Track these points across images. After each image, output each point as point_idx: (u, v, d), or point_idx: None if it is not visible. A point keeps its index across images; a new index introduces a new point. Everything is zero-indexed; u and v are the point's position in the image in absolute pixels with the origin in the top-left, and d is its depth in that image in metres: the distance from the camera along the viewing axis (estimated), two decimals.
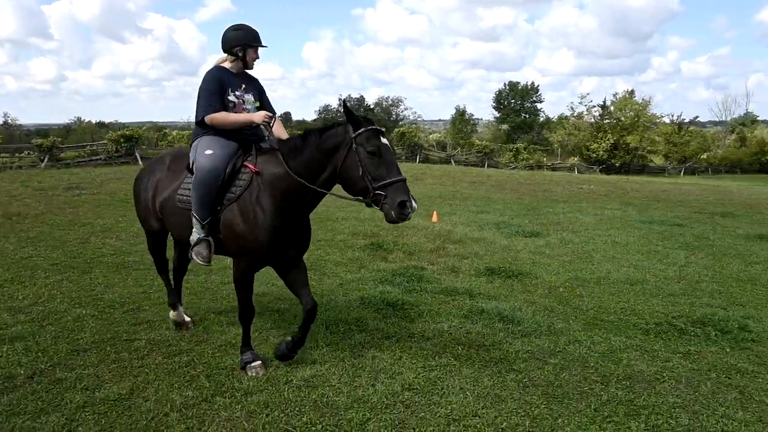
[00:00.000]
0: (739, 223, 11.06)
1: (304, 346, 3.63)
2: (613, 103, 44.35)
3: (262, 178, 3.32)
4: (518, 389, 3.30)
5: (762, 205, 14.99)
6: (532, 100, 62.46)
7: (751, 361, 3.87)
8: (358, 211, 10.45)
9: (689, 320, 4.65)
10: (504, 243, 7.92)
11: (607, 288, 5.69)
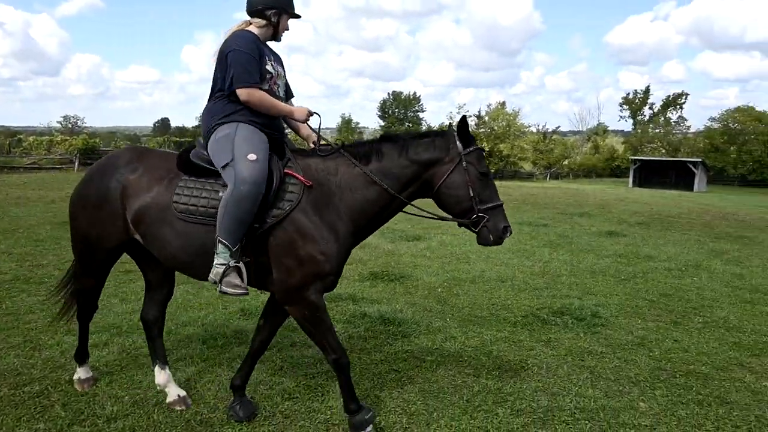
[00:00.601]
0: (593, 221, 12.38)
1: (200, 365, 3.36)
2: (488, 113, 47.53)
3: (325, 187, 2.74)
4: (397, 388, 3.40)
5: (611, 205, 16.91)
6: (415, 110, 64.89)
7: (601, 343, 4.34)
8: None
9: (551, 311, 5.09)
10: (388, 248, 8.12)
11: (481, 286, 6.06)
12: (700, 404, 3.30)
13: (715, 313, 5.32)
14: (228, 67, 2.72)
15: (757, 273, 7.39)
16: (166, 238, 2.77)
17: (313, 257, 2.62)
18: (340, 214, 2.72)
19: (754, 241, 10.61)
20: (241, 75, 2.69)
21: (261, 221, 2.63)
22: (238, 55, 2.70)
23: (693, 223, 13.34)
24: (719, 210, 17.92)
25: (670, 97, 64.82)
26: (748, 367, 3.96)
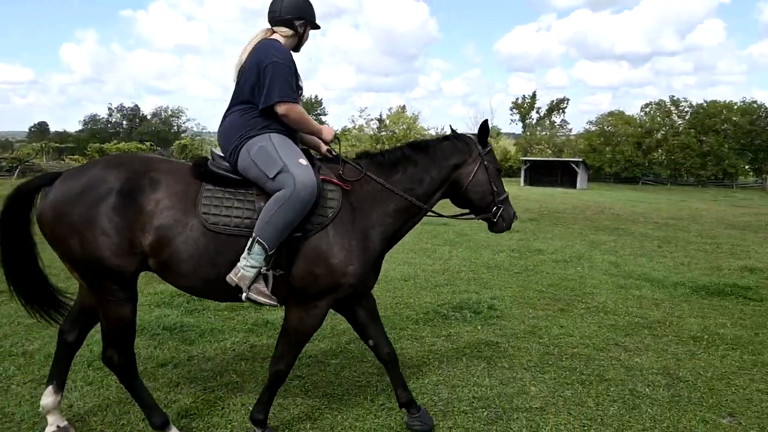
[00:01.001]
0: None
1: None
2: (389, 117, 48.50)
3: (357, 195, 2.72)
4: (301, 394, 3.35)
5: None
6: (317, 113, 64.62)
7: (497, 334, 4.58)
8: None
9: (451, 306, 5.29)
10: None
11: (384, 286, 6.15)
12: (582, 384, 3.59)
13: (595, 299, 5.82)
14: (267, 79, 2.57)
15: (629, 261, 8.19)
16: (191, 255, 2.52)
17: (342, 268, 2.59)
18: (372, 221, 2.75)
19: (626, 232, 11.76)
20: (284, 89, 2.58)
21: (302, 229, 2.56)
22: (280, 67, 2.58)
23: (576, 218, 14.52)
24: (598, 205, 19.67)
25: (554, 102, 70.11)
26: (622, 345, 4.37)
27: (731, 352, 4.27)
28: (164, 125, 63.99)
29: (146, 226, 2.50)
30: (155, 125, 63.12)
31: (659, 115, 58.40)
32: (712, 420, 3.13)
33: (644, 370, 3.85)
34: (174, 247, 2.51)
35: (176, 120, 66.04)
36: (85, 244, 2.46)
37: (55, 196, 2.51)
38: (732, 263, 8.20)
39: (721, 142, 54.75)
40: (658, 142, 56.33)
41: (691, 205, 23.39)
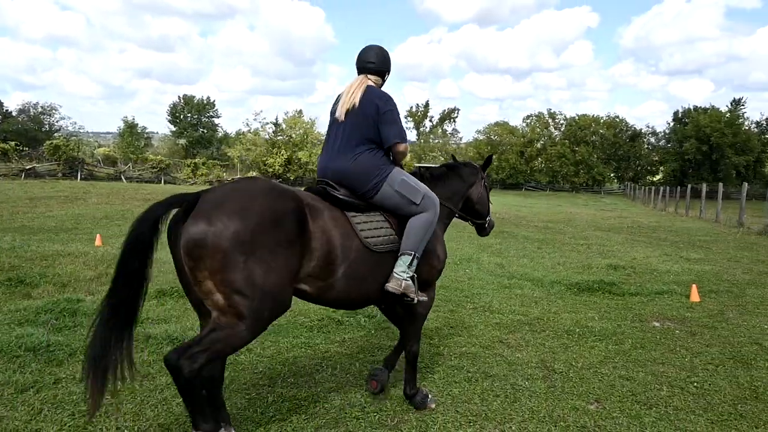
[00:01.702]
0: None
1: None
2: (285, 121, 47.73)
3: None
4: (184, 413, 3.15)
5: None
6: (210, 115, 61.95)
7: (390, 337, 4.65)
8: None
9: (346, 312, 5.29)
10: None
11: None
12: (469, 381, 3.76)
13: (482, 299, 6.14)
14: (389, 124, 3.04)
15: (513, 262, 8.75)
16: (357, 273, 2.88)
17: (443, 258, 3.38)
18: (442, 226, 3.59)
19: (511, 234, 12.57)
20: (402, 132, 3.11)
21: None
22: (396, 115, 3.11)
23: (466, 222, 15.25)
24: None
25: (446, 111, 73.28)
26: (506, 342, 4.64)
27: (598, 343, 4.70)
28: (33, 123, 57.66)
29: (314, 253, 2.69)
30: (22, 123, 56.69)
31: (539, 126, 63.40)
32: (581, 407, 3.41)
33: (524, 364, 4.12)
34: (343, 269, 2.80)
35: (48, 118, 59.82)
36: (265, 272, 2.46)
37: (229, 225, 2.41)
38: (600, 262, 9.06)
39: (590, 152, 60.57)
40: (538, 151, 61.10)
41: (567, 210, 25.60)
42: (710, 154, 55.25)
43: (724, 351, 4.58)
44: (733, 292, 6.95)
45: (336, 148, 3.07)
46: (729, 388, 3.79)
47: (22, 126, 55.31)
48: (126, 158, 40.94)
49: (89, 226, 10.78)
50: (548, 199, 40.59)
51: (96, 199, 16.21)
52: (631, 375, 3.98)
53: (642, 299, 6.45)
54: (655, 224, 17.95)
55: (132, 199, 17.00)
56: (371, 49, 3.26)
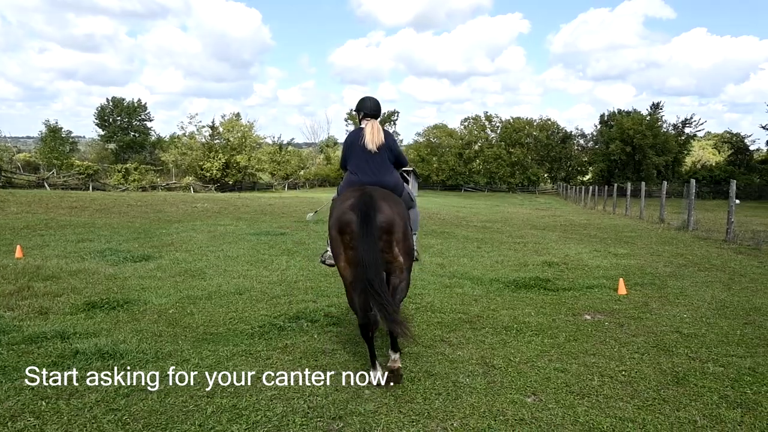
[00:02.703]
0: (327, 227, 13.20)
1: None
2: (222, 124, 46.50)
3: None
4: (117, 429, 3.00)
5: None
6: (141, 118, 59.37)
7: (333, 341, 4.62)
8: None
9: (287, 317, 5.22)
10: (110, 272, 7.20)
11: (217, 301, 5.85)
12: (412, 381, 3.80)
13: (424, 299, 6.21)
14: (401, 154, 4.54)
15: (453, 261, 8.92)
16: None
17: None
18: None
19: (451, 235, 12.82)
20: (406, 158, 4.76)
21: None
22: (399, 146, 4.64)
23: None
24: (427, 211, 21.13)
25: (386, 114, 73.82)
26: (447, 341, 4.72)
27: (535, 338, 4.87)
28: None
29: None
30: None
31: (476, 129, 65.05)
32: (519, 400, 3.52)
33: (465, 361, 4.20)
34: None
35: None
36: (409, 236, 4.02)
37: (400, 210, 3.97)
38: (535, 259, 9.41)
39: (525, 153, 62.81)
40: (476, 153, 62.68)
41: (504, 209, 26.42)
42: (633, 155, 58.71)
43: (649, 340, 4.87)
44: (656, 284, 7.40)
45: (377, 169, 4.25)
46: (653, 375, 4.03)
47: None
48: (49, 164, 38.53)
49: (8, 237, 10.07)
50: (486, 200, 41.77)
51: (15, 208, 15.16)
52: (566, 367, 4.15)
53: (575, 294, 6.74)
54: (585, 222, 18.85)
55: (57, 207, 16.02)
56: (371, 100, 4.49)
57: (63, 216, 14.11)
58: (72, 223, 12.56)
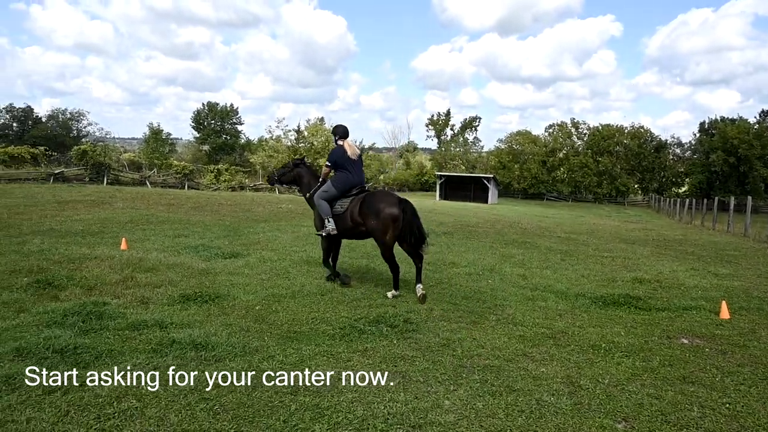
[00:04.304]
0: None
1: None
2: (307, 129, 48.14)
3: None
4: (208, 418, 3.17)
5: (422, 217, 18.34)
6: (233, 122, 62.77)
7: (412, 347, 4.61)
8: (20, 244, 8.63)
9: (367, 321, 5.27)
10: (202, 266, 7.64)
11: (301, 300, 6.03)
12: (493, 395, 3.70)
13: (505, 311, 6.05)
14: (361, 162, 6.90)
15: (536, 273, 8.63)
16: None
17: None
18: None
19: (533, 245, 12.41)
20: None
21: None
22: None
23: (488, 231, 15.12)
24: (508, 220, 20.64)
25: (467, 119, 73.08)
26: (530, 356, 4.56)
27: (625, 359, 4.59)
28: (62, 129, 59.16)
29: None
30: (51, 129, 58.20)
31: (561, 136, 62.70)
32: (609, 425, 3.33)
33: (549, 379, 4.04)
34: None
35: (76, 124, 61.31)
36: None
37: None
38: (625, 275, 8.89)
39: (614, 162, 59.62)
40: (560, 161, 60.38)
41: (590, 221, 25.22)
42: (738, 166, 54.05)
43: (757, 371, 4.44)
44: (765, 309, 6.74)
45: (360, 170, 6.77)
46: (764, 411, 3.66)
47: (51, 131, 56.78)
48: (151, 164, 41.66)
49: (115, 230, 10.97)
50: (570, 210, 40.12)
51: (121, 204, 16.51)
52: (660, 394, 3.87)
53: (669, 315, 6.29)
54: (681, 237, 17.58)
55: (156, 204, 17.27)
56: (343, 127, 6.86)
57: (162, 212, 15.18)
58: (169, 220, 13.47)
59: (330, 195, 6.59)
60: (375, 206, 6.21)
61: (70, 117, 60.81)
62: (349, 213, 6.43)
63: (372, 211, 6.21)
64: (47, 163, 32.83)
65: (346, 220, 6.45)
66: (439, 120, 73.21)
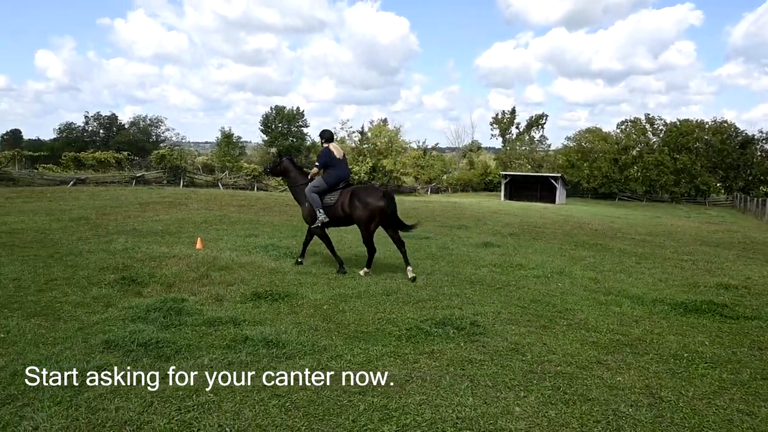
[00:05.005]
0: (471, 233, 13.08)
1: None
2: (370, 130, 48.59)
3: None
4: (281, 414, 3.25)
5: (487, 218, 18.04)
6: (299, 125, 64.47)
7: (479, 351, 4.53)
8: (107, 242, 9.25)
9: (433, 322, 5.24)
10: (272, 266, 7.88)
11: (367, 301, 6.08)
12: (566, 403, 3.56)
13: (576, 315, 5.83)
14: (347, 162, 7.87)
15: (609, 277, 8.26)
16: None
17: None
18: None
19: (605, 248, 11.89)
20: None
21: None
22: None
23: (556, 233, 14.64)
24: (577, 220, 19.90)
25: (533, 117, 71.16)
26: (605, 364, 4.36)
27: (711, 371, 4.29)
28: (142, 134, 63.12)
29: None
30: (133, 134, 62.21)
31: (635, 133, 59.67)
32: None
33: (627, 389, 3.84)
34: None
35: (155, 129, 65.23)
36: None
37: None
38: (708, 280, 8.33)
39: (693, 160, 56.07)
40: (633, 159, 57.47)
41: (667, 222, 23.85)
42: None
43: None
44: None
45: (345, 167, 7.79)
46: None
47: (133, 137, 60.74)
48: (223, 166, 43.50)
49: (191, 230, 11.53)
50: (645, 210, 38.11)
51: (196, 205, 17.35)
52: (753, 410, 3.59)
53: (760, 324, 5.83)
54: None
55: (228, 205, 18.01)
56: (329, 132, 7.93)
57: (233, 213, 15.81)
58: (240, 220, 14.01)
59: (321, 189, 7.62)
60: (363, 199, 7.30)
61: (150, 123, 64.82)
62: (339, 204, 7.49)
63: (361, 203, 7.29)
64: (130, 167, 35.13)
65: (336, 210, 7.52)
66: (503, 118, 71.75)
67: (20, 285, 6.12)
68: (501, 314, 5.72)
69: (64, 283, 6.28)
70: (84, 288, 6.13)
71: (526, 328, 5.24)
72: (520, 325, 5.37)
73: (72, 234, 10.17)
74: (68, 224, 11.54)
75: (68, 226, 11.32)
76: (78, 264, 7.36)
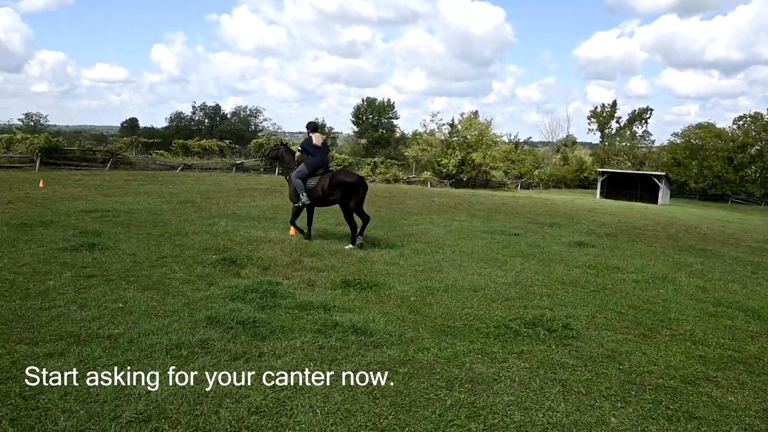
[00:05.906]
0: (564, 232, 12.54)
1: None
2: (460, 122, 47.96)
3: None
4: (368, 401, 3.31)
5: (581, 216, 17.20)
6: (389, 116, 65.04)
7: (572, 355, 4.34)
8: (210, 225, 9.90)
9: (523, 322, 5.09)
10: (360, 255, 8.03)
11: (454, 295, 6.03)
12: (669, 420, 3.32)
13: (681, 326, 5.41)
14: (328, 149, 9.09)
15: (719, 286, 7.57)
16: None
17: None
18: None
19: (715, 254, 10.91)
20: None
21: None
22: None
23: (658, 235, 13.66)
24: (683, 223, 18.44)
25: (636, 111, 66.76)
26: (714, 381, 4.01)
27: None
28: (242, 124, 66.80)
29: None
30: (234, 124, 66.03)
31: (754, 129, 54.01)
32: None
33: (740, 410, 3.51)
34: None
35: (254, 119, 68.78)
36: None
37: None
38: None
39: None
40: (752, 158, 52.10)
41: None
42: None
43: None
44: None
45: (325, 155, 8.87)
46: None
47: (234, 126, 64.45)
48: None
49: (285, 217, 12.02)
50: (763, 215, 34.53)
51: None
52: None
53: None
54: None
55: None
56: (315, 123, 9.07)
57: None
58: (330, 209, 14.39)
59: (302, 174, 8.70)
60: (342, 181, 8.37)
61: (249, 113, 68.44)
62: (320, 187, 8.51)
63: (339, 184, 8.35)
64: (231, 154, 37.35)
65: (317, 192, 8.56)
66: (603, 112, 67.97)
67: (136, 260, 6.71)
68: (596, 318, 5.43)
69: (172, 261, 6.81)
70: (190, 266, 6.60)
71: (623, 335, 4.94)
72: (617, 331, 5.07)
73: (180, 216, 10.99)
74: (176, 206, 12.49)
75: (176, 208, 12.25)
76: (185, 243, 7.94)
